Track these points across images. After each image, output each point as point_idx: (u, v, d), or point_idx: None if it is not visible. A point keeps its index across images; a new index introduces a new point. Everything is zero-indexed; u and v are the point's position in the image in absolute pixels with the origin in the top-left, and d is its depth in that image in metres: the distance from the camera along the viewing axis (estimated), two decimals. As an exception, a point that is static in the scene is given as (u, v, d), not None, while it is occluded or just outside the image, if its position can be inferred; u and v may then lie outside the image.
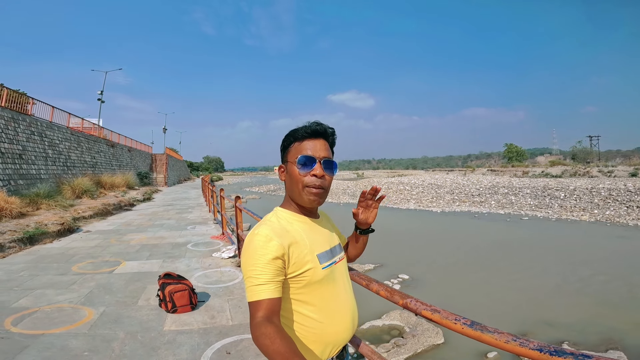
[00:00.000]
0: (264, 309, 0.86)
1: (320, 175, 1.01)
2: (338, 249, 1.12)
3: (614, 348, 4.56)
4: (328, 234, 1.11)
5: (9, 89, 12.78)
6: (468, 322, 0.92)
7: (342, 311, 1.03)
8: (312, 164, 1.01)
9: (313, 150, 1.02)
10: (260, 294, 0.87)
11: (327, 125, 1.08)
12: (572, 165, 37.91)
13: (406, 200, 23.31)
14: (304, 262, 0.96)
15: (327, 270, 1.01)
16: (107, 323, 3.14)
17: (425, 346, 4.48)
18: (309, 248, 0.99)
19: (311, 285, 0.97)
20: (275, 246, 0.91)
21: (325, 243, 1.07)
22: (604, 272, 7.67)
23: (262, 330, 0.82)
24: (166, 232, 7.87)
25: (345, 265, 1.15)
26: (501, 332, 0.86)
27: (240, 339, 2.84)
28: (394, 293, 1.19)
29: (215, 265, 5.04)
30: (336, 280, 1.05)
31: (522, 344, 0.80)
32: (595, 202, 17.60)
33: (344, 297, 1.06)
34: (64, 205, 10.04)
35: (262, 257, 0.90)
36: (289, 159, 1.05)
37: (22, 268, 5.00)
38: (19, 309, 3.46)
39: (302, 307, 0.98)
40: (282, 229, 0.98)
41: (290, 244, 0.95)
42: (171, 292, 3.30)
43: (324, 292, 1.00)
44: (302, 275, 0.96)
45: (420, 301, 1.09)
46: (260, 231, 0.95)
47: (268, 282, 0.88)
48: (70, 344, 2.75)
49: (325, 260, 1.02)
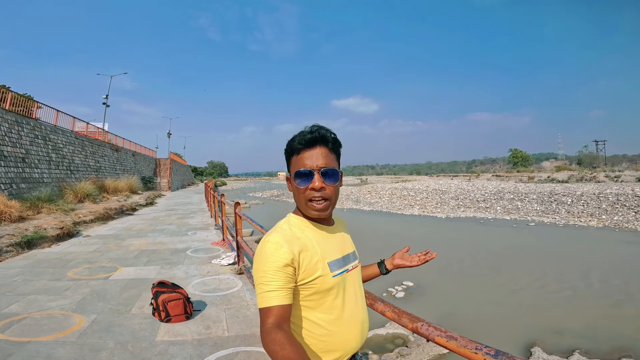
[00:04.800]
0: (274, 316, 0.86)
1: (319, 188, 0.97)
2: (352, 257, 1.10)
3: (626, 356, 4.38)
4: (341, 241, 1.09)
5: (14, 92, 12.83)
6: (492, 352, 0.77)
7: (351, 320, 1.02)
8: (311, 176, 0.98)
9: (310, 160, 0.98)
10: (270, 300, 0.87)
11: (326, 129, 1.02)
12: (578, 170, 37.42)
13: (410, 206, 23.09)
14: (315, 270, 0.95)
15: (338, 278, 0.99)
16: (97, 332, 3.01)
17: (430, 356, 4.32)
18: (320, 255, 0.97)
19: (320, 293, 0.96)
20: (285, 253, 0.91)
21: (338, 250, 1.04)
22: (614, 278, 7.49)
23: (272, 337, 0.82)
24: (166, 238, 7.76)
25: (358, 273, 1.13)
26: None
27: (236, 351, 2.69)
28: (402, 315, 1.05)
29: (214, 273, 4.90)
30: (347, 288, 1.03)
31: None
32: (603, 207, 17.29)
33: (354, 306, 1.04)
34: (65, 209, 9.97)
35: (273, 264, 0.90)
36: (290, 171, 1.03)
37: (17, 273, 4.89)
38: (8, 314, 3.35)
39: (312, 314, 0.97)
40: (292, 235, 0.97)
41: (301, 251, 0.94)
42: (164, 301, 3.16)
43: (334, 300, 0.98)
44: (312, 282, 0.95)
45: (432, 325, 0.95)
46: (271, 238, 0.95)
47: (278, 288, 0.88)
48: (57, 352, 2.62)
49: (337, 268, 1.00)
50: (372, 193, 32.20)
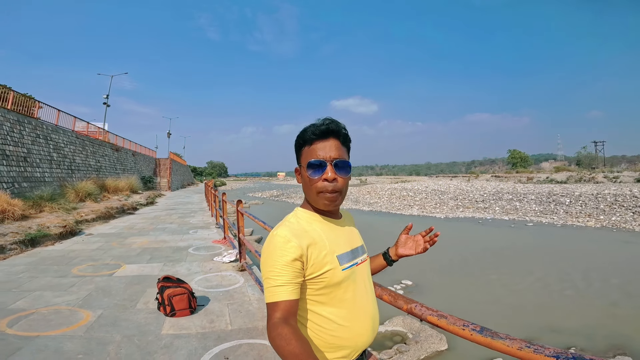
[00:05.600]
0: (281, 310, 0.85)
1: (332, 179, 0.97)
2: (360, 251, 1.09)
3: (621, 354, 4.46)
4: (349, 235, 1.08)
5: (15, 92, 12.90)
6: (477, 328, 0.86)
7: (362, 314, 1.01)
8: (323, 167, 0.98)
9: (323, 152, 0.98)
10: (278, 295, 0.87)
11: (338, 122, 1.03)
12: (577, 171, 37.53)
13: (409, 206, 23.18)
14: (323, 263, 0.94)
15: (347, 271, 0.98)
16: (104, 326, 3.09)
17: (428, 353, 4.38)
18: (329, 249, 0.97)
19: (330, 287, 0.95)
20: (293, 247, 0.90)
21: (346, 244, 1.04)
22: (611, 277, 7.56)
23: (279, 331, 0.82)
24: (168, 236, 7.83)
25: (367, 267, 1.12)
26: (513, 338, 0.80)
27: (239, 344, 2.77)
28: (398, 298, 1.13)
29: (216, 270, 4.99)
30: (357, 282, 1.02)
31: (537, 351, 0.74)
32: (601, 208, 17.39)
33: (364, 300, 1.03)
34: (67, 208, 10.05)
35: (281, 259, 0.89)
36: (301, 162, 1.02)
37: (22, 270, 4.97)
38: (16, 310, 3.43)
39: (321, 309, 0.96)
40: (301, 229, 0.96)
41: (309, 245, 0.93)
42: (170, 295, 3.25)
43: (344, 294, 0.97)
44: (321, 276, 0.94)
45: (425, 306, 1.03)
46: (279, 232, 0.94)
47: (286, 283, 0.88)
48: (65, 346, 2.70)
49: (346, 262, 0.99)
50: (371, 193, 32.28)
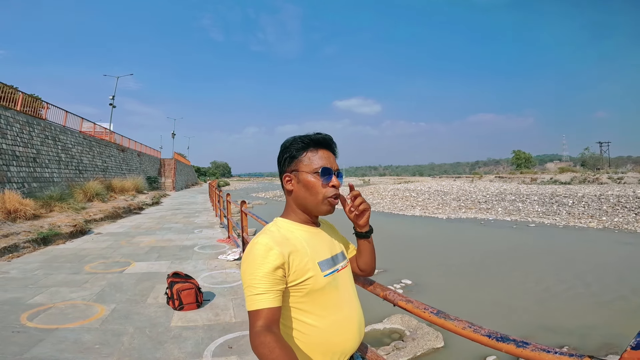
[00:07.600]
0: (264, 318, 0.85)
1: (337, 187, 1.02)
2: (340, 257, 1.10)
3: (614, 353, 4.55)
4: (329, 242, 1.09)
5: (24, 93, 13.19)
6: (435, 311, 1.06)
7: (347, 319, 1.02)
8: (331, 175, 1.01)
9: (328, 161, 1.02)
10: (259, 303, 0.87)
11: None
12: (581, 172, 37.39)
13: (412, 206, 23.29)
14: (305, 270, 0.95)
15: (329, 278, 0.99)
16: (117, 319, 3.31)
17: (424, 349, 4.53)
18: (310, 256, 0.97)
19: (313, 294, 0.96)
20: (275, 255, 0.90)
21: (327, 251, 1.05)
22: (610, 278, 7.63)
23: (261, 340, 0.82)
24: (174, 235, 8.07)
25: (349, 272, 1.12)
26: (460, 320, 0.99)
27: (242, 334, 2.98)
28: (376, 286, 1.32)
29: (220, 267, 5.20)
30: (339, 288, 1.03)
31: (476, 331, 0.93)
32: (604, 209, 17.41)
33: (348, 305, 1.04)
34: (76, 208, 10.32)
35: (262, 267, 0.89)
36: (301, 168, 1.01)
37: (36, 267, 5.21)
38: (34, 305, 3.64)
39: (305, 316, 0.97)
40: (282, 237, 0.97)
41: (291, 253, 0.94)
42: (179, 290, 3.46)
43: (327, 300, 0.99)
44: (304, 283, 0.95)
45: (397, 293, 1.22)
46: (260, 240, 0.94)
47: (267, 291, 0.88)
48: (83, 337, 2.91)
49: (327, 268, 1.00)
50: (374, 194, 32.42)
